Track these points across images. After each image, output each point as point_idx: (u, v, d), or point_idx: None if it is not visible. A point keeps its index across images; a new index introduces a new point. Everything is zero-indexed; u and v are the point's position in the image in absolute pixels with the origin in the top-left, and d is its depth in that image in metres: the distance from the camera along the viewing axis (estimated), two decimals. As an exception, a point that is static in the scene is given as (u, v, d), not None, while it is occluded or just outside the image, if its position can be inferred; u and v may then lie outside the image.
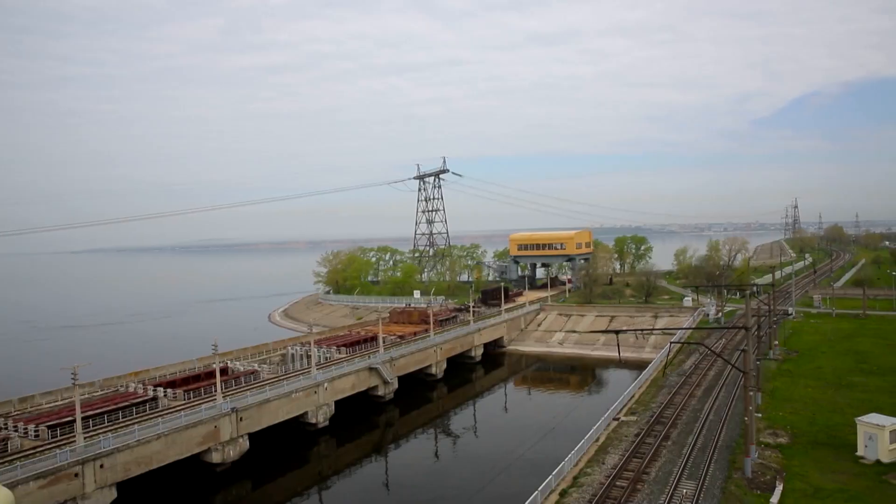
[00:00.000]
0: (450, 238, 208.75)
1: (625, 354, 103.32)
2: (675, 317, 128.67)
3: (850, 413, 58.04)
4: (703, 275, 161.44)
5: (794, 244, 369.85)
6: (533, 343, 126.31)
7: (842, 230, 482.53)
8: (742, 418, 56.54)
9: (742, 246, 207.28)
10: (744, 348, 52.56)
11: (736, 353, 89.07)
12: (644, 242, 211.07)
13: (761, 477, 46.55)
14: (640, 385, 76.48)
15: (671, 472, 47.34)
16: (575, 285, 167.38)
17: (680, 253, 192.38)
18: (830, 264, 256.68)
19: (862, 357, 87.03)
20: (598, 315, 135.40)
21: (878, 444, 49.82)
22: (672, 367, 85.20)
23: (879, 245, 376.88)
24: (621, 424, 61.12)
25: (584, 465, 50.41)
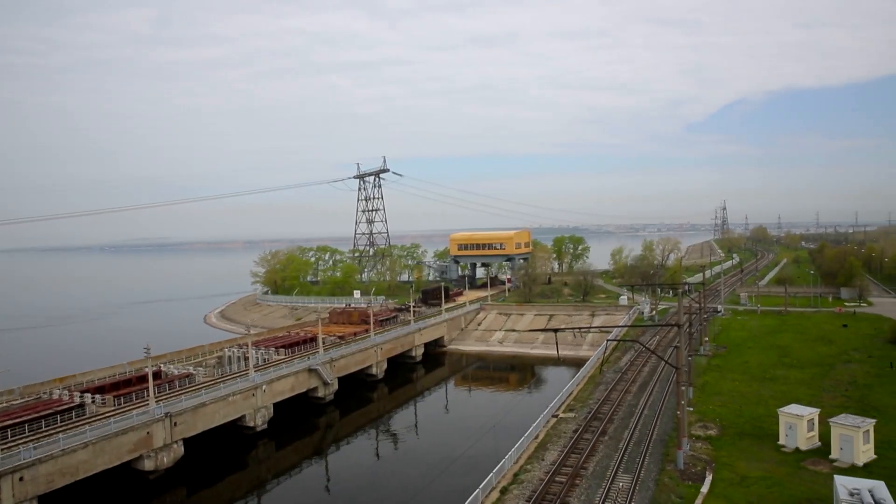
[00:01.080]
0: (390, 238, 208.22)
1: (563, 352, 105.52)
2: (612, 315, 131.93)
3: (773, 405, 60.90)
4: (638, 274, 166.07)
5: (722, 244, 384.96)
6: (473, 342, 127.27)
7: (766, 231, 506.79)
8: (675, 412, 58.63)
9: (675, 246, 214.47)
10: (676, 345, 54.50)
11: (669, 349, 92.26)
12: (582, 242, 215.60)
13: (693, 468, 48.34)
14: (578, 382, 78.16)
15: (608, 467, 48.61)
16: (514, 285, 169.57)
17: (616, 253, 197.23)
18: (756, 263, 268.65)
19: (784, 351, 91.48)
20: (537, 314, 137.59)
21: (797, 433, 52.59)
22: (609, 364, 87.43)
23: (799, 245, 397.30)
24: (560, 421, 62.32)
25: (525, 462, 51.17)
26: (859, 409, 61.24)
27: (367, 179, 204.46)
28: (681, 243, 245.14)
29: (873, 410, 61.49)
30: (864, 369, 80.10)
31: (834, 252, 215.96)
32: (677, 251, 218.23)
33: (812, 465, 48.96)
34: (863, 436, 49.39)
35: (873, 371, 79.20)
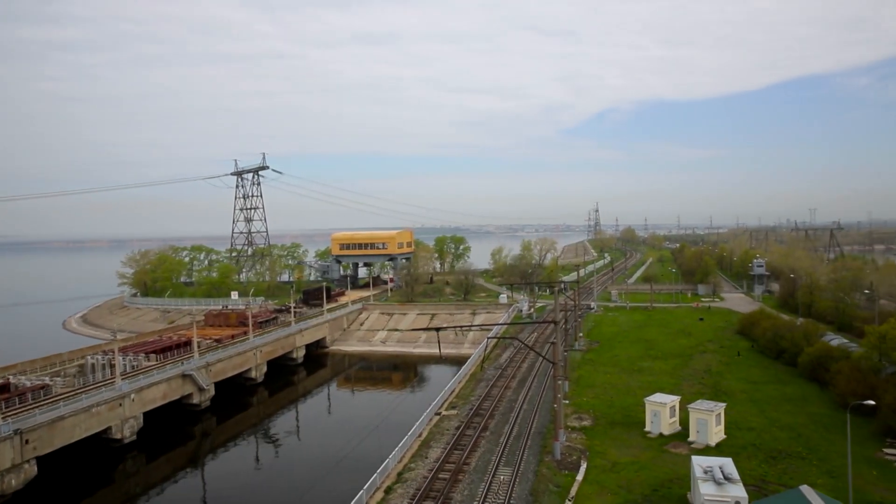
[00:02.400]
0: (269, 237, 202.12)
1: (445, 351, 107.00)
2: (492, 313, 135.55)
3: (640, 394, 65.16)
4: (517, 273, 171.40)
5: (595, 244, 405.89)
6: (356, 342, 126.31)
7: (634, 232, 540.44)
8: (552, 405, 61.21)
9: (551, 246, 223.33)
10: (553, 341, 57.02)
11: (546, 345, 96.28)
12: (463, 242, 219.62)
13: (569, 458, 50.74)
14: (460, 380, 79.68)
15: (490, 461, 49.96)
16: (397, 284, 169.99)
17: (496, 252, 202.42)
18: (625, 263, 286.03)
19: (650, 344, 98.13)
20: (420, 313, 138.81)
21: (661, 420, 56.66)
22: (489, 361, 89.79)
23: (663, 246, 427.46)
24: (443, 419, 63.27)
25: (409, 461, 51.51)
26: (713, 395, 67.04)
27: (245, 177, 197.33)
28: (557, 243, 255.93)
29: (724, 395, 67.52)
30: (717, 358, 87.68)
31: (692, 252, 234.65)
32: (554, 251, 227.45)
33: (673, 448, 52.91)
34: (715, 419, 54.09)
35: (724, 360, 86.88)
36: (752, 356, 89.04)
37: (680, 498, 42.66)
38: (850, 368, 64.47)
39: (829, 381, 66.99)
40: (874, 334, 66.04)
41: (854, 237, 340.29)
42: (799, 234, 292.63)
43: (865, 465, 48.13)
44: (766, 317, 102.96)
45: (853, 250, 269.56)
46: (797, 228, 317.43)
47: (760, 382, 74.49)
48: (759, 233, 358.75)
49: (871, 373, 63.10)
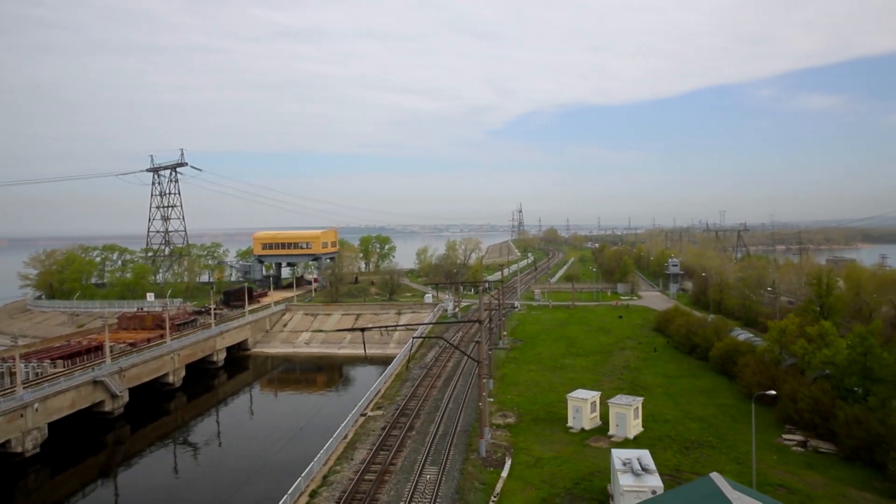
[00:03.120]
0: (188, 236, 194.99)
1: (370, 351, 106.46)
2: (418, 313, 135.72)
3: (562, 391, 66.81)
4: (442, 273, 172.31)
5: (519, 244, 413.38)
6: (279, 344, 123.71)
7: (556, 232, 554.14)
8: (477, 404, 61.81)
9: (476, 246, 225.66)
10: (478, 340, 57.66)
11: (471, 344, 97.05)
12: (388, 242, 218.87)
13: (494, 455, 51.44)
14: (386, 380, 79.40)
15: (416, 461, 50.01)
16: (321, 284, 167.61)
17: (421, 252, 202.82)
18: (548, 262, 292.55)
19: (571, 342, 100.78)
20: (345, 313, 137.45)
21: (583, 415, 58.32)
22: (415, 360, 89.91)
23: (584, 246, 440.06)
24: (368, 419, 62.87)
25: (334, 463, 50.91)
26: (631, 390, 69.57)
27: (162, 173, 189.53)
28: (482, 243, 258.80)
29: (641, 389, 70.19)
30: (635, 354, 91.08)
31: (611, 252, 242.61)
32: (478, 251, 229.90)
33: (594, 442, 54.57)
34: (633, 412, 56.16)
35: (642, 356, 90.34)
36: (668, 352, 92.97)
37: (600, 490, 44.04)
38: (754, 361, 68.41)
39: (736, 373, 70.83)
40: (776, 329, 70.30)
41: (759, 238, 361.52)
42: (710, 234, 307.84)
43: (767, 451, 51.24)
44: (681, 314, 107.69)
45: (758, 250, 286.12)
46: (708, 230, 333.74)
47: (675, 377, 77.91)
48: (673, 233, 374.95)
49: (773, 365, 67.18)
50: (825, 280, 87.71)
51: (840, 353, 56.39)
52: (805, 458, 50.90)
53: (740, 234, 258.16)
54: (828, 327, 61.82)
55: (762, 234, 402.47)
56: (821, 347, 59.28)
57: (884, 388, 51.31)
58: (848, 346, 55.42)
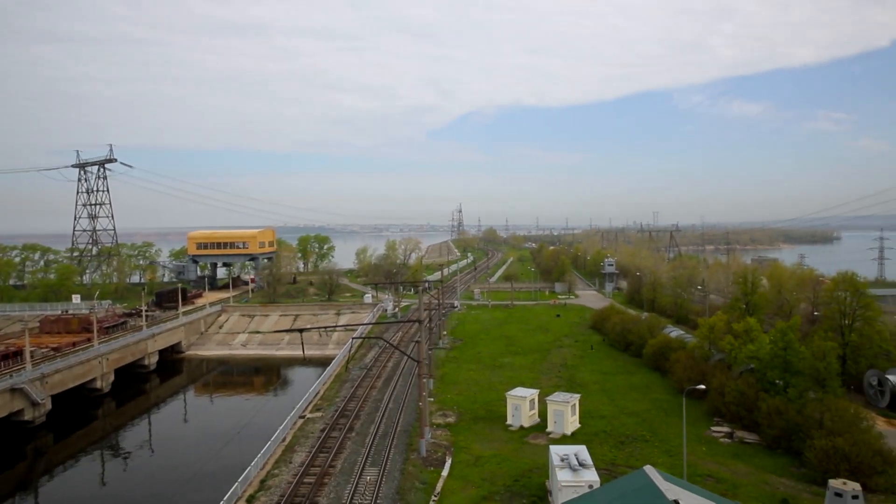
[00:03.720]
0: (118, 235, 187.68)
1: (309, 352, 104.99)
2: (357, 313, 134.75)
3: (502, 389, 67.58)
4: (381, 273, 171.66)
5: (459, 244, 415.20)
6: (215, 346, 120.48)
7: (496, 232, 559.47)
8: (417, 403, 61.86)
9: (416, 246, 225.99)
10: (417, 340, 57.69)
11: (411, 344, 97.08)
12: (327, 242, 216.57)
13: (434, 454, 51.57)
14: (325, 381, 78.51)
15: (356, 462, 49.63)
16: (258, 285, 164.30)
17: (361, 252, 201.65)
18: (487, 262, 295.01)
19: (511, 341, 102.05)
20: (283, 314, 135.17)
21: (522, 413, 59.15)
22: (354, 361, 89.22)
23: (522, 246, 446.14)
24: (307, 421, 62.01)
25: (272, 467, 49.98)
26: (569, 387, 71.02)
27: (89, 169, 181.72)
28: (421, 243, 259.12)
29: (578, 387, 71.75)
30: (573, 352, 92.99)
31: (549, 252, 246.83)
32: (418, 250, 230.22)
33: (533, 439, 55.43)
34: (570, 409, 57.35)
35: (579, 353, 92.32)
36: (604, 349, 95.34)
37: (539, 486, 44.77)
38: (685, 357, 70.95)
39: (668, 369, 73.28)
40: (705, 326, 73.11)
41: (690, 238, 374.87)
42: (644, 235, 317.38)
43: (697, 443, 53.25)
44: (616, 312, 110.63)
45: (689, 250, 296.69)
46: (642, 230, 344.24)
47: (611, 373, 79.96)
48: (609, 234, 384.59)
49: (703, 360, 69.85)
50: (750, 279, 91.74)
51: (763, 349, 59.08)
52: (732, 448, 53.14)
53: (672, 235, 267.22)
54: (752, 324, 64.70)
55: (693, 234, 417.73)
56: (746, 343, 61.98)
57: (801, 381, 54.08)
58: (770, 342, 58.11)
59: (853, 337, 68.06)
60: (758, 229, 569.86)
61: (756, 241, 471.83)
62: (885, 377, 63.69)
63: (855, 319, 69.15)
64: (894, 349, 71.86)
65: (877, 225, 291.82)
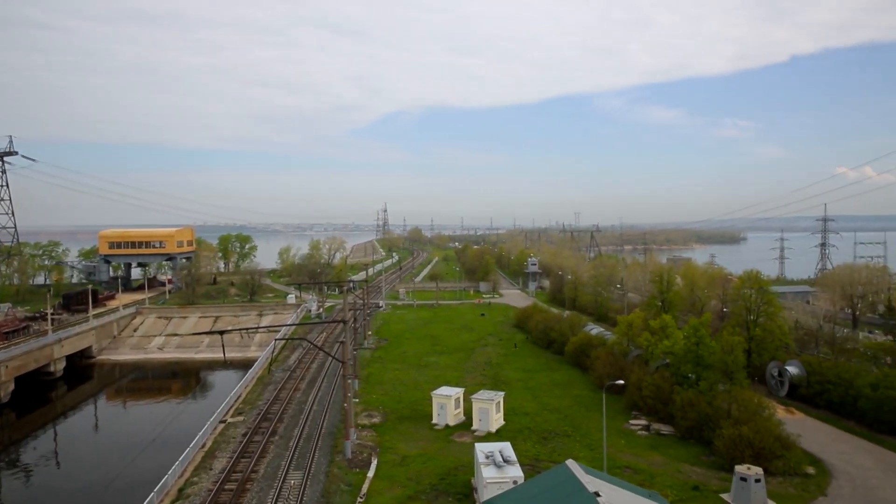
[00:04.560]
0: (19, 234, 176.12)
1: (230, 355, 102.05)
2: (280, 314, 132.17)
3: (427, 388, 67.80)
4: (305, 272, 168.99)
5: (384, 244, 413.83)
6: (129, 350, 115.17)
7: (421, 232, 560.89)
8: (342, 405, 61.22)
9: (340, 245, 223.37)
10: (342, 340, 57.17)
11: (336, 344, 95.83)
12: (249, 241, 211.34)
13: (360, 456, 51.21)
14: (247, 384, 76.55)
15: (280, 466, 48.64)
16: (176, 286, 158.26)
17: (284, 251, 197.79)
18: (412, 262, 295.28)
19: (436, 340, 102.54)
20: (202, 316, 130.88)
21: (447, 412, 59.57)
22: (277, 363, 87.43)
23: (447, 245, 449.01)
24: (228, 426, 60.30)
25: (191, 475, 48.31)
26: (493, 385, 72.08)
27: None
28: (346, 243, 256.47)
29: (503, 384, 72.94)
30: (497, 351, 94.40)
31: (474, 252, 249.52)
32: (343, 250, 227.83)
33: (459, 437, 55.93)
34: (495, 407, 58.21)
35: (503, 352, 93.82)
36: (528, 347, 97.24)
37: (465, 483, 45.22)
38: (605, 354, 73.34)
39: (589, 365, 75.53)
40: (624, 323, 75.80)
41: (609, 238, 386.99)
42: (566, 235, 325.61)
43: (617, 436, 55.17)
44: (539, 311, 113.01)
45: (609, 250, 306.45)
46: (564, 230, 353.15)
47: (534, 371, 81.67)
48: (532, 234, 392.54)
49: (622, 356, 72.42)
50: (665, 278, 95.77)
51: (678, 344, 61.82)
52: (648, 440, 55.37)
53: (593, 235, 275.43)
54: (668, 320, 67.56)
55: (612, 234, 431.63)
56: (662, 339, 64.65)
57: (712, 374, 56.97)
58: (684, 338, 60.90)
59: (757, 331, 72.13)
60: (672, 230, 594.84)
61: (671, 241, 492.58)
62: (785, 368, 67.94)
63: (759, 315, 73.31)
64: (793, 342, 76.83)
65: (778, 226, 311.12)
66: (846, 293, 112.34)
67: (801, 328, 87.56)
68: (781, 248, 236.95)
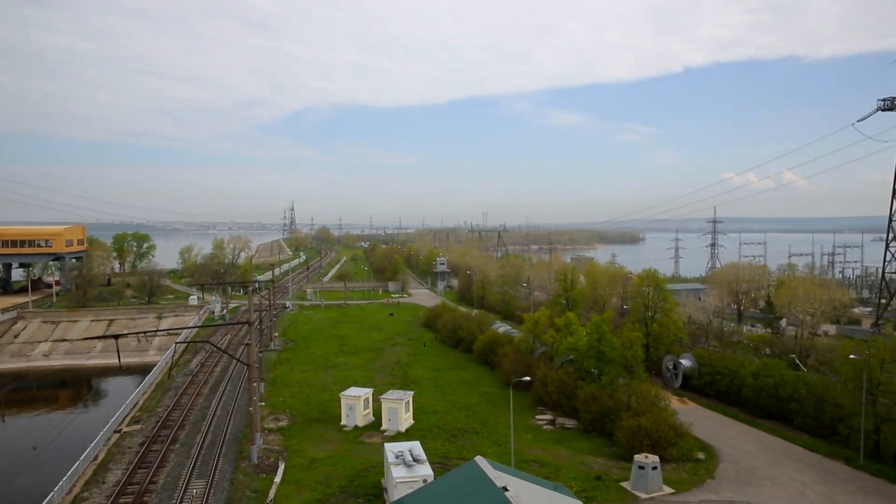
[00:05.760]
0: None
1: (127, 360, 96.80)
2: (181, 316, 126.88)
3: (336, 389, 66.98)
4: (208, 273, 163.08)
5: (291, 243, 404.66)
6: (8, 359, 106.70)
7: (329, 231, 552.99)
8: (248, 409, 59.40)
9: (245, 245, 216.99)
10: (247, 342, 55.45)
11: (241, 347, 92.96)
12: (147, 240, 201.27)
13: (266, 461, 49.86)
14: (145, 391, 72.90)
15: (181, 475, 46.57)
16: (65, 288, 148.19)
17: (185, 251, 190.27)
18: (320, 261, 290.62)
19: (344, 340, 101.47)
20: (95, 319, 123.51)
21: (356, 413, 59.12)
22: (178, 367, 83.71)
23: (356, 245, 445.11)
24: (124, 436, 57.13)
25: (80, 490, 45.36)
26: (402, 384, 72.14)
27: None
28: (252, 242, 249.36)
29: (412, 384, 73.14)
30: (406, 350, 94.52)
31: (383, 251, 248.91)
32: (248, 250, 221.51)
33: (368, 438, 55.57)
34: (404, 406, 58.29)
35: (412, 351, 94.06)
36: (436, 346, 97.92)
37: (374, 484, 44.97)
38: (512, 351, 74.98)
39: (496, 363, 76.98)
40: (530, 321, 77.75)
41: (516, 238, 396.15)
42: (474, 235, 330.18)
43: (524, 432, 56.57)
44: (448, 310, 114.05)
45: (515, 250, 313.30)
46: (472, 230, 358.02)
47: (443, 369, 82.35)
48: (441, 234, 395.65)
49: (528, 353, 74.27)
50: (570, 276, 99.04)
51: (581, 340, 64.08)
52: (554, 434, 57.12)
53: (500, 235, 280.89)
54: (572, 318, 69.91)
55: (519, 234, 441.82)
56: (566, 336, 66.79)
57: (613, 368, 59.52)
58: (587, 334, 63.21)
59: (654, 327, 75.98)
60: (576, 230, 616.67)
61: (575, 241, 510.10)
62: (679, 361, 71.96)
63: (656, 312, 77.28)
64: (686, 336, 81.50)
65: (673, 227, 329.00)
66: (732, 290, 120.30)
67: (694, 323, 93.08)
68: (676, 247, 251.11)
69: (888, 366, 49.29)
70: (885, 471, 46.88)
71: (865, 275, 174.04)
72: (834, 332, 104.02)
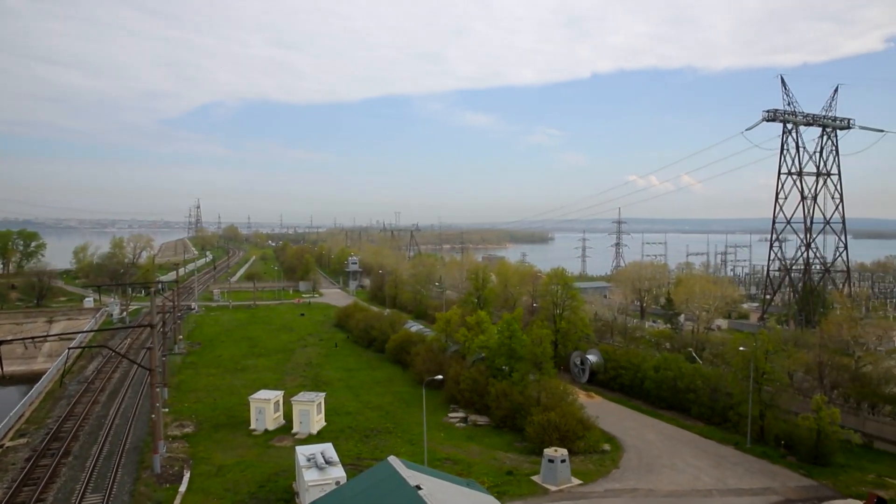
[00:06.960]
0: None
1: (11, 368, 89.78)
2: (75, 319, 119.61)
3: (245, 393, 65.00)
4: (106, 273, 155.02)
5: (197, 242, 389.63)
6: None
7: (237, 230, 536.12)
8: (150, 416, 56.66)
9: (147, 243, 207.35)
10: (149, 346, 52.90)
11: (142, 351, 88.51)
12: (35, 238, 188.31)
13: (170, 470, 47.69)
14: (32, 401, 67.98)
15: (74, 490, 43.73)
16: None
17: (80, 250, 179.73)
18: (228, 261, 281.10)
19: (254, 342, 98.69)
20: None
21: (266, 416, 57.65)
22: (72, 374, 78.78)
23: (266, 244, 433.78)
24: (7, 451, 53.02)
25: (-41, 508, 41.80)
26: (314, 386, 70.97)
27: None
28: (154, 241, 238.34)
29: (324, 385, 72.09)
30: (318, 351, 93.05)
31: (294, 250, 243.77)
32: (150, 249, 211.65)
33: (278, 441, 54.27)
34: (316, 408, 57.38)
35: (324, 351, 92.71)
36: (349, 346, 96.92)
37: (286, 488, 43.96)
38: (424, 350, 75.33)
39: (409, 362, 77.11)
40: (442, 320, 78.33)
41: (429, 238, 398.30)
42: (386, 234, 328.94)
43: (437, 430, 56.92)
44: (360, 310, 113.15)
45: (428, 249, 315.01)
46: (385, 229, 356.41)
47: (355, 370, 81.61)
48: (353, 233, 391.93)
49: (441, 352, 74.81)
50: (481, 275, 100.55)
51: (492, 338, 65.21)
52: (466, 431, 57.81)
53: (413, 234, 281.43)
54: (483, 316, 71.00)
55: (432, 234, 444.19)
56: (478, 334, 67.78)
57: (523, 365, 60.94)
58: (498, 332, 64.40)
59: (563, 324, 78.37)
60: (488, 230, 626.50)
61: (486, 240, 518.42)
62: (586, 357, 74.63)
63: (564, 309, 79.72)
64: (593, 333, 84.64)
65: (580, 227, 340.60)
66: (635, 288, 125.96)
67: (600, 320, 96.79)
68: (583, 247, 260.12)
69: (771, 356, 53.26)
70: (768, 452, 50.75)
71: (753, 272, 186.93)
72: (726, 326, 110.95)
